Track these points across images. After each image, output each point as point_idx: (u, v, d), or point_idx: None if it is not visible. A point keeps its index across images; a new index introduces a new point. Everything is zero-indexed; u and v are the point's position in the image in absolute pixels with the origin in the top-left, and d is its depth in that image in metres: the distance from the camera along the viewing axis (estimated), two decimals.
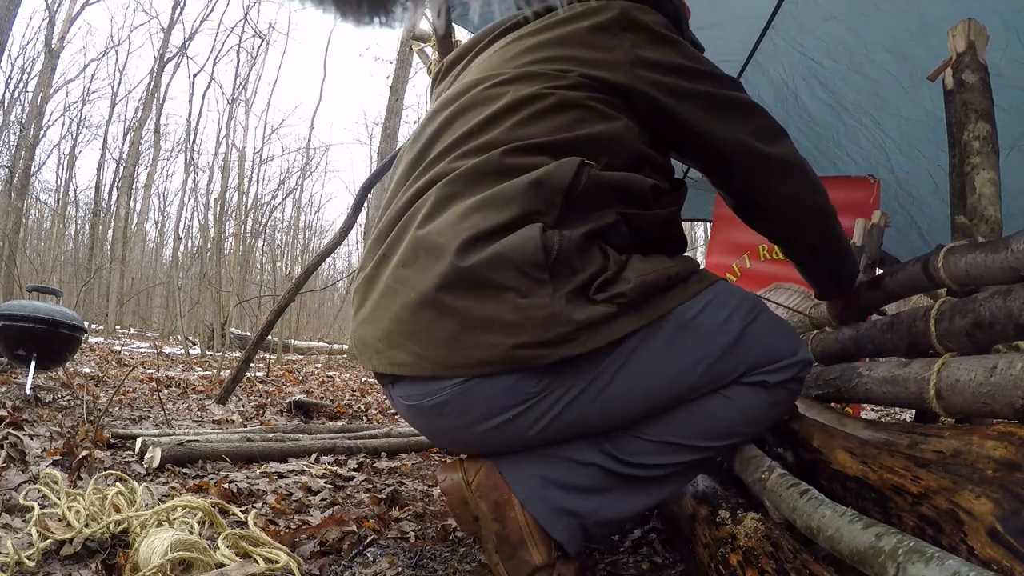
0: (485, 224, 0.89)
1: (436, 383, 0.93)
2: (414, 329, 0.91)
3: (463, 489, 1.01)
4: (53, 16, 14.34)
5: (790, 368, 1.03)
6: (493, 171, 0.94)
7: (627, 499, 1.00)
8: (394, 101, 11.91)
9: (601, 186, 0.95)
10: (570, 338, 0.86)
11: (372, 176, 4.14)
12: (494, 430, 0.94)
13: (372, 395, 4.63)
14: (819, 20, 2.22)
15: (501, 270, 0.86)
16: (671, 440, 0.99)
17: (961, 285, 0.96)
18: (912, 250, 2.97)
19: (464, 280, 0.87)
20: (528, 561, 0.96)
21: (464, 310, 0.87)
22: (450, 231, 0.90)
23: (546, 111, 0.98)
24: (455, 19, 2.71)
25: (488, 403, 0.92)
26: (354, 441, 2.24)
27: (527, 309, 0.86)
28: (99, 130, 24.47)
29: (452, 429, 0.98)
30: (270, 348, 7.80)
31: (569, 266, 0.88)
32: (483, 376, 0.90)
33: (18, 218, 12.35)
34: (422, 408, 0.97)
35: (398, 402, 1.02)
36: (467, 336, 0.88)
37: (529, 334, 0.86)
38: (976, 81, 1.14)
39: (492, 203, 0.91)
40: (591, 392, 0.92)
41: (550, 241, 0.87)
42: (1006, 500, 0.55)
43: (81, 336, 2.91)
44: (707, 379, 0.98)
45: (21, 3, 6.79)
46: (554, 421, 0.93)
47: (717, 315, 0.98)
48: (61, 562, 1.05)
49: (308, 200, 27.08)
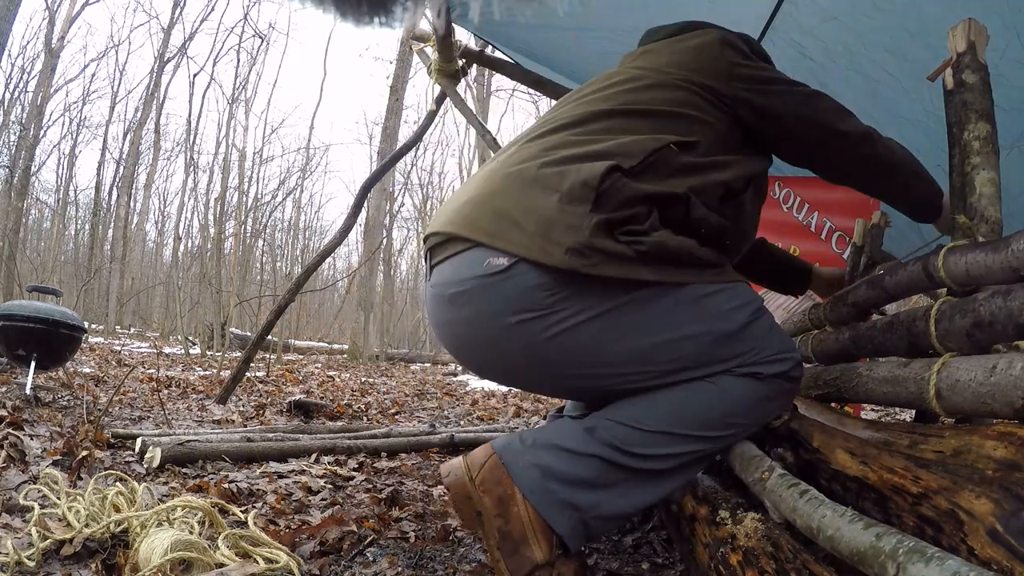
0: (578, 151, 1.06)
1: (466, 270, 1.04)
2: (477, 202, 1.07)
3: (467, 485, 1.04)
4: (53, 16, 14.35)
5: (783, 362, 1.07)
6: (603, 118, 1.13)
7: (629, 494, 1.03)
8: (394, 101, 11.91)
9: (678, 161, 1.08)
10: (582, 253, 0.96)
11: (372, 176, 4.14)
12: (507, 329, 1.02)
13: (372, 395, 4.63)
14: (819, 21, 2.22)
15: (563, 179, 1.01)
16: (669, 430, 1.02)
17: (961, 285, 0.96)
18: (912, 250, 2.97)
19: (536, 177, 1.04)
20: (530, 558, 0.99)
21: (522, 198, 1.02)
22: (553, 141, 1.10)
23: (653, 86, 1.17)
24: (455, 19, 2.71)
25: (504, 300, 1.01)
26: (354, 441, 2.24)
27: (562, 214, 0.98)
28: (99, 130, 24.41)
29: (468, 320, 1.05)
30: (270, 348, 7.80)
31: (613, 204, 1.00)
32: (501, 272, 1.00)
33: (18, 218, 12.35)
34: (444, 297, 1.07)
35: (428, 293, 1.13)
36: (511, 216, 1.02)
37: (552, 233, 0.97)
38: (976, 81, 1.14)
39: (591, 139, 1.08)
40: (593, 325, 1.00)
41: (609, 177, 1.00)
42: (1006, 500, 0.55)
43: (81, 336, 2.91)
44: (699, 357, 1.04)
45: (21, 3, 6.79)
46: (558, 338, 1.00)
47: (726, 304, 1.05)
48: (61, 562, 1.05)
49: (308, 200, 27.00)
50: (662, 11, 2.34)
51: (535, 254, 0.98)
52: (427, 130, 4.01)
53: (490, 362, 1.12)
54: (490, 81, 14.06)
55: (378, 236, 12.21)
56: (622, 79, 1.21)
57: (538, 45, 2.84)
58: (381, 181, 4.17)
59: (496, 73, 4.48)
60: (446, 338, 1.15)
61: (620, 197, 1.00)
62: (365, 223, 11.84)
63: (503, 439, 1.09)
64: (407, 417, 3.48)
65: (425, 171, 23.38)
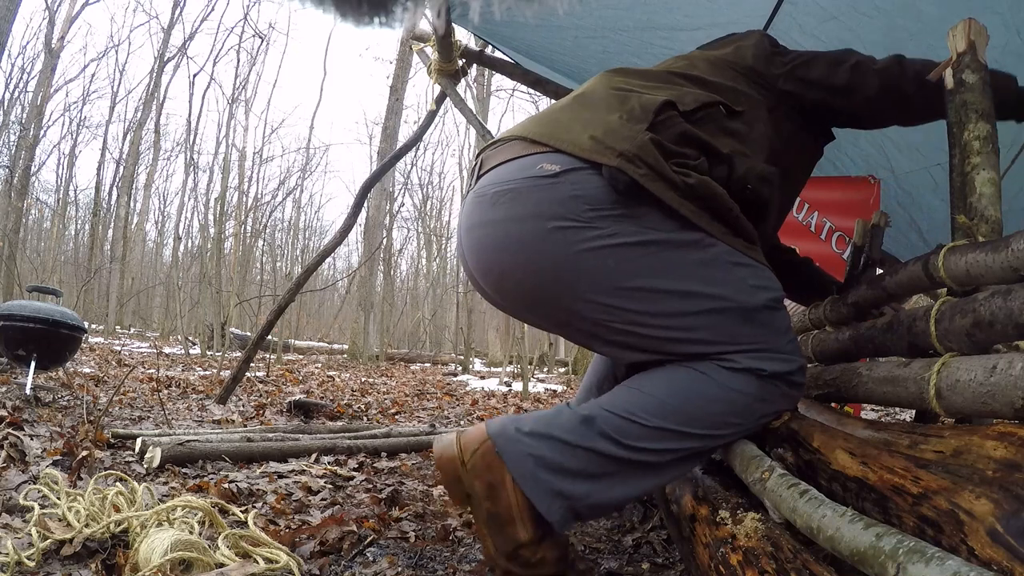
0: (643, 86, 1.17)
1: (516, 172, 1.08)
2: (548, 113, 1.17)
3: (457, 467, 1.06)
4: (53, 16, 14.34)
5: (786, 361, 1.06)
6: (663, 76, 1.23)
7: (620, 485, 1.04)
8: (394, 101, 11.90)
9: (725, 123, 1.16)
10: (632, 159, 1.00)
11: (372, 176, 4.14)
12: (540, 232, 1.04)
13: (372, 395, 4.63)
14: (818, 20, 2.22)
15: (626, 102, 1.10)
16: (665, 425, 1.03)
17: (961, 285, 0.96)
18: (912, 250, 2.96)
19: (603, 98, 1.14)
20: (515, 537, 1.03)
21: (586, 113, 1.11)
22: (624, 80, 1.21)
23: (706, 63, 1.28)
24: (455, 19, 2.71)
25: (547, 204, 1.04)
26: (354, 441, 2.24)
27: (621, 126, 1.05)
28: (99, 130, 24.49)
29: (507, 219, 1.07)
30: (270, 348, 7.80)
31: (669, 135, 1.06)
32: (549, 176, 1.04)
33: (18, 218, 12.35)
34: (485, 197, 1.10)
35: (468, 199, 1.16)
36: (574, 124, 1.09)
37: (607, 136, 1.03)
38: (976, 81, 1.14)
39: (655, 84, 1.19)
40: (625, 251, 1.02)
41: (666, 110, 1.08)
42: (1006, 500, 0.55)
43: (81, 336, 2.91)
44: (712, 324, 1.04)
45: (21, 3, 6.79)
46: (587, 253, 1.02)
47: (754, 279, 1.08)
48: (61, 562, 1.05)
49: (308, 200, 27.01)
50: (662, 10, 2.35)
51: (588, 154, 1.02)
52: (427, 130, 4.01)
53: (509, 272, 1.10)
54: (490, 81, 14.05)
55: (378, 236, 12.21)
56: (682, 59, 1.34)
57: (538, 45, 2.84)
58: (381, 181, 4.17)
59: (496, 73, 4.48)
60: (475, 241, 1.14)
61: (675, 131, 1.06)
62: (365, 223, 11.84)
63: (499, 422, 1.08)
64: (407, 417, 3.49)
65: (425, 171, 23.48)
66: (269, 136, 35.13)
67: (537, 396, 5.60)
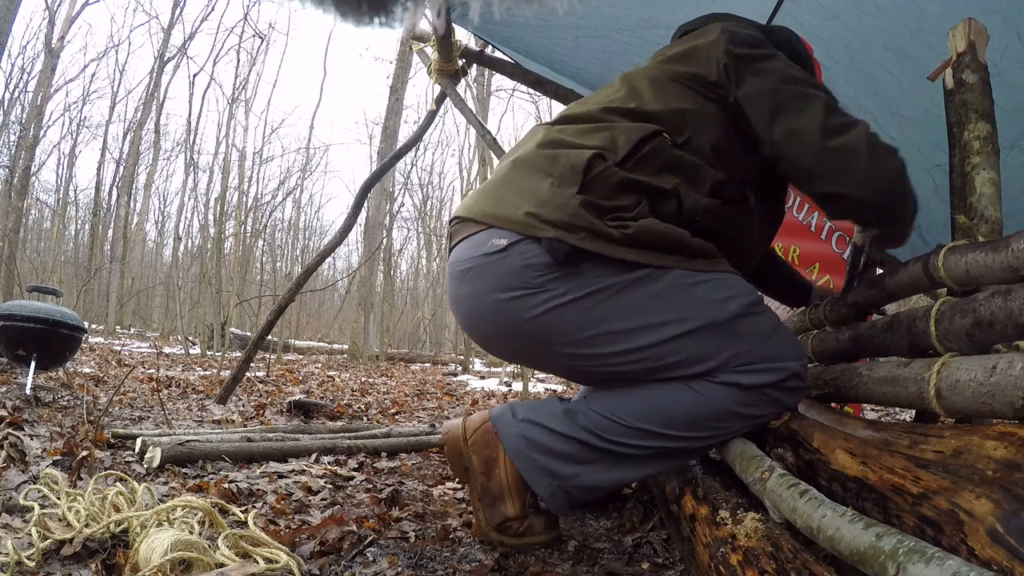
0: (572, 140, 1.14)
1: (472, 250, 1.13)
2: (486, 191, 1.19)
3: (460, 443, 1.21)
4: (53, 16, 14.33)
5: (772, 372, 1.06)
6: (598, 116, 1.19)
7: (607, 472, 1.13)
8: (394, 101, 11.90)
9: (668, 156, 1.12)
10: (569, 228, 1.03)
11: (372, 176, 4.14)
12: (499, 304, 1.10)
13: (372, 395, 4.63)
14: (819, 19, 2.22)
15: (555, 163, 1.10)
16: (642, 426, 1.09)
17: (961, 285, 0.96)
18: (912, 250, 2.96)
19: (533, 162, 1.13)
20: (503, 511, 1.17)
21: (520, 182, 1.12)
22: (549, 137, 1.18)
23: (652, 83, 1.21)
24: (455, 19, 2.70)
25: (499, 277, 1.09)
26: (354, 441, 2.24)
27: (552, 194, 1.07)
28: (99, 130, 24.45)
29: (470, 295, 1.15)
30: (270, 348, 7.81)
31: (601, 188, 1.06)
32: (498, 252, 1.09)
33: (18, 218, 12.34)
34: (455, 274, 1.18)
35: (447, 271, 1.24)
36: (510, 198, 1.11)
37: (543, 210, 1.06)
38: (976, 81, 1.14)
39: (584, 132, 1.16)
40: (579, 305, 1.06)
41: (597, 164, 1.07)
42: (1006, 500, 0.55)
43: (81, 336, 2.91)
44: (681, 347, 1.05)
45: (21, 3, 6.79)
46: (545, 315, 1.07)
47: (716, 292, 1.08)
48: (61, 562, 1.05)
49: (308, 200, 26.93)
50: (664, 9, 2.35)
51: (528, 230, 1.06)
52: (427, 130, 4.01)
53: (489, 335, 1.21)
54: (490, 81, 14.04)
55: (378, 236, 12.20)
56: (625, 82, 1.26)
57: (538, 45, 2.84)
58: (381, 181, 4.17)
59: (496, 73, 4.48)
60: (456, 312, 1.25)
61: (609, 184, 1.06)
62: (365, 223, 11.84)
63: (499, 408, 1.22)
64: (407, 417, 3.48)
65: (425, 171, 23.42)
66: (269, 136, 35.14)
67: (537, 396, 5.60)
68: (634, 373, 1.10)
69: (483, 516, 1.18)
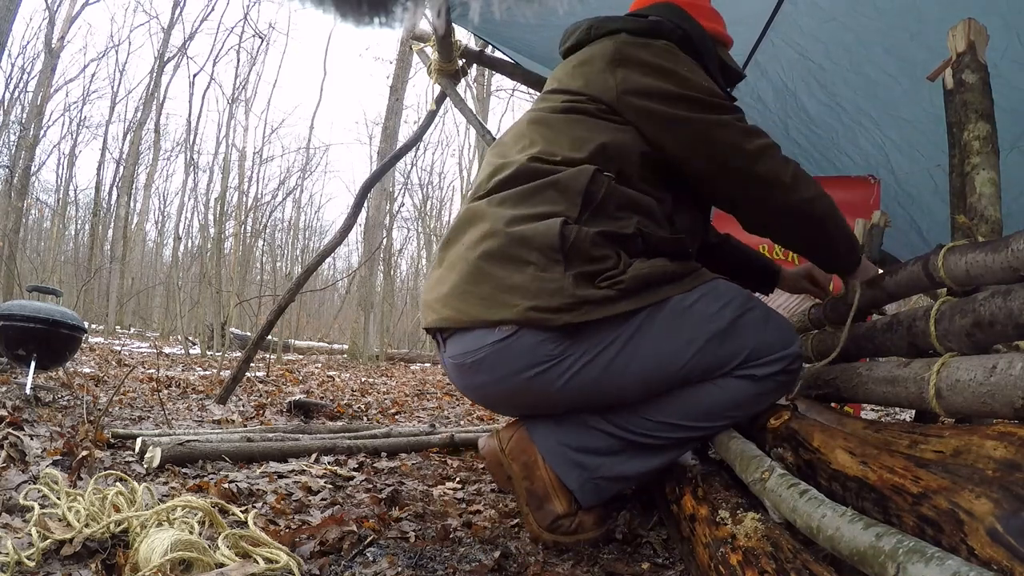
0: (520, 212, 1.13)
1: (476, 341, 1.13)
2: (462, 292, 1.15)
3: (499, 454, 1.24)
4: (53, 16, 14.33)
5: (779, 361, 1.18)
6: (525, 174, 1.18)
7: (628, 462, 1.20)
8: (394, 101, 11.90)
9: (619, 197, 1.15)
10: (572, 308, 1.07)
11: (372, 176, 4.14)
12: (527, 382, 1.13)
13: (372, 395, 4.63)
14: (819, 21, 2.22)
15: (529, 248, 1.09)
16: (669, 420, 1.18)
17: (961, 285, 0.96)
18: (912, 250, 2.96)
19: (504, 254, 1.11)
20: (552, 510, 1.19)
21: (503, 278, 1.10)
22: (497, 217, 1.15)
23: (565, 122, 1.22)
24: (455, 19, 2.71)
25: (516, 360, 1.11)
26: (354, 441, 2.24)
27: (542, 281, 1.08)
28: (99, 130, 24.42)
29: (489, 383, 1.18)
30: (270, 348, 7.80)
31: (582, 255, 1.08)
32: (508, 336, 1.10)
33: (18, 218, 12.34)
34: (464, 366, 1.18)
35: (447, 363, 1.23)
36: (498, 296, 1.10)
37: (541, 300, 1.07)
38: (976, 81, 1.14)
39: (527, 198, 1.15)
40: (600, 361, 1.11)
41: (568, 232, 1.08)
42: (1006, 500, 0.55)
43: (81, 336, 2.91)
44: (699, 362, 1.15)
45: (21, 3, 6.79)
46: (572, 380, 1.11)
47: (711, 305, 1.16)
48: (61, 562, 1.05)
49: (308, 200, 26.94)
50: None
51: (537, 323, 1.08)
52: (427, 130, 4.01)
53: (522, 407, 1.25)
54: (490, 81, 14.05)
55: (378, 236, 12.20)
56: (533, 126, 1.25)
57: (538, 45, 2.84)
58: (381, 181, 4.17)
59: (496, 73, 4.48)
60: (475, 398, 1.29)
61: (584, 248, 1.09)
62: (365, 223, 11.83)
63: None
64: (407, 417, 3.48)
65: (425, 171, 23.42)
66: (269, 136, 35.15)
67: None
68: (663, 392, 1.19)
69: (534, 519, 1.20)
